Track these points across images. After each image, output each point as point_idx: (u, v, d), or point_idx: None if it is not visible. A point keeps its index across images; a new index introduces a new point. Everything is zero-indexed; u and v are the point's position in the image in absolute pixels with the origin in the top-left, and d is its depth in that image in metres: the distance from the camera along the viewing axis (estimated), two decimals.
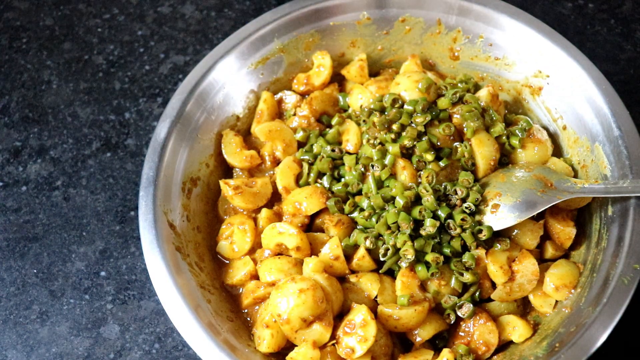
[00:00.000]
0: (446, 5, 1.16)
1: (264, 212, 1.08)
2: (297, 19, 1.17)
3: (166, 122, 1.08)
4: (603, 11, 1.37)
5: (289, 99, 1.19)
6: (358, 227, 1.04)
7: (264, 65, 1.18)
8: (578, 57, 1.09)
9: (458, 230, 0.99)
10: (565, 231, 1.03)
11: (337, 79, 1.22)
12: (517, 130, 1.09)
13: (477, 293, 1.00)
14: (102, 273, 1.15)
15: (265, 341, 0.97)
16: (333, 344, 0.97)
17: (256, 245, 1.08)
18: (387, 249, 1.00)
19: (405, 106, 1.07)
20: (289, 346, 0.99)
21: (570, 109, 1.10)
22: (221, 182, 1.09)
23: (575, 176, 1.08)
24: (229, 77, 1.15)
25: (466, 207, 1.00)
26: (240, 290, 1.07)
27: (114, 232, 1.18)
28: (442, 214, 1.00)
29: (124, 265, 1.15)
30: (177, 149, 1.09)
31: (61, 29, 1.39)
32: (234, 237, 1.08)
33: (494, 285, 1.01)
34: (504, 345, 1.01)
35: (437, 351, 0.98)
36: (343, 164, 1.09)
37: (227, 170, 1.16)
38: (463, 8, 1.15)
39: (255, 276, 1.05)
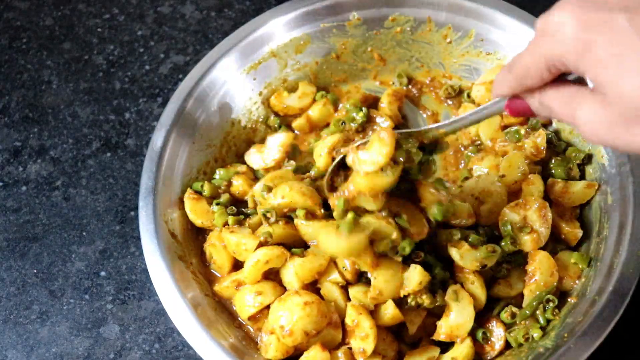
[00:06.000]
0: (436, 2, 1.16)
1: None
2: (287, 22, 1.17)
3: (162, 132, 1.08)
4: None
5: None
6: None
7: (256, 70, 1.18)
8: None
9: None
10: (573, 232, 1.03)
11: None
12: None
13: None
14: (102, 273, 1.15)
15: (273, 345, 0.95)
16: (349, 348, 0.97)
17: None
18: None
19: None
20: (298, 354, 0.97)
21: None
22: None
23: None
24: (226, 81, 1.15)
25: None
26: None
27: (114, 232, 1.18)
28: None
29: (124, 265, 1.15)
30: (175, 158, 1.08)
31: (61, 29, 1.39)
32: (214, 257, 1.06)
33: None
34: None
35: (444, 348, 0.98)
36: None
37: None
38: (452, 4, 1.15)
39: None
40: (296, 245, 1.01)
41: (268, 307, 0.99)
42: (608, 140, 0.61)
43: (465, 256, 0.96)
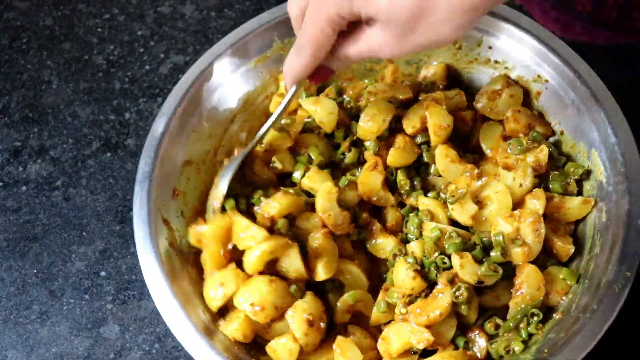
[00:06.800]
0: None
1: None
2: (287, 22, 1.16)
3: (163, 119, 1.08)
4: None
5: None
6: None
7: (256, 69, 1.18)
8: (576, 62, 1.08)
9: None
10: (565, 248, 1.02)
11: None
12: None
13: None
14: (102, 273, 1.15)
15: (237, 323, 0.96)
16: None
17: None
18: None
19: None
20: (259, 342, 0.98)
21: (567, 113, 1.09)
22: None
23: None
24: (226, 76, 1.15)
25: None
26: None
27: (114, 232, 1.18)
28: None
29: (124, 265, 1.15)
30: (173, 147, 1.08)
31: (61, 29, 1.39)
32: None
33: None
34: None
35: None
36: None
37: None
38: None
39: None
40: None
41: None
42: (402, 50, 0.75)
43: (466, 267, 0.95)
